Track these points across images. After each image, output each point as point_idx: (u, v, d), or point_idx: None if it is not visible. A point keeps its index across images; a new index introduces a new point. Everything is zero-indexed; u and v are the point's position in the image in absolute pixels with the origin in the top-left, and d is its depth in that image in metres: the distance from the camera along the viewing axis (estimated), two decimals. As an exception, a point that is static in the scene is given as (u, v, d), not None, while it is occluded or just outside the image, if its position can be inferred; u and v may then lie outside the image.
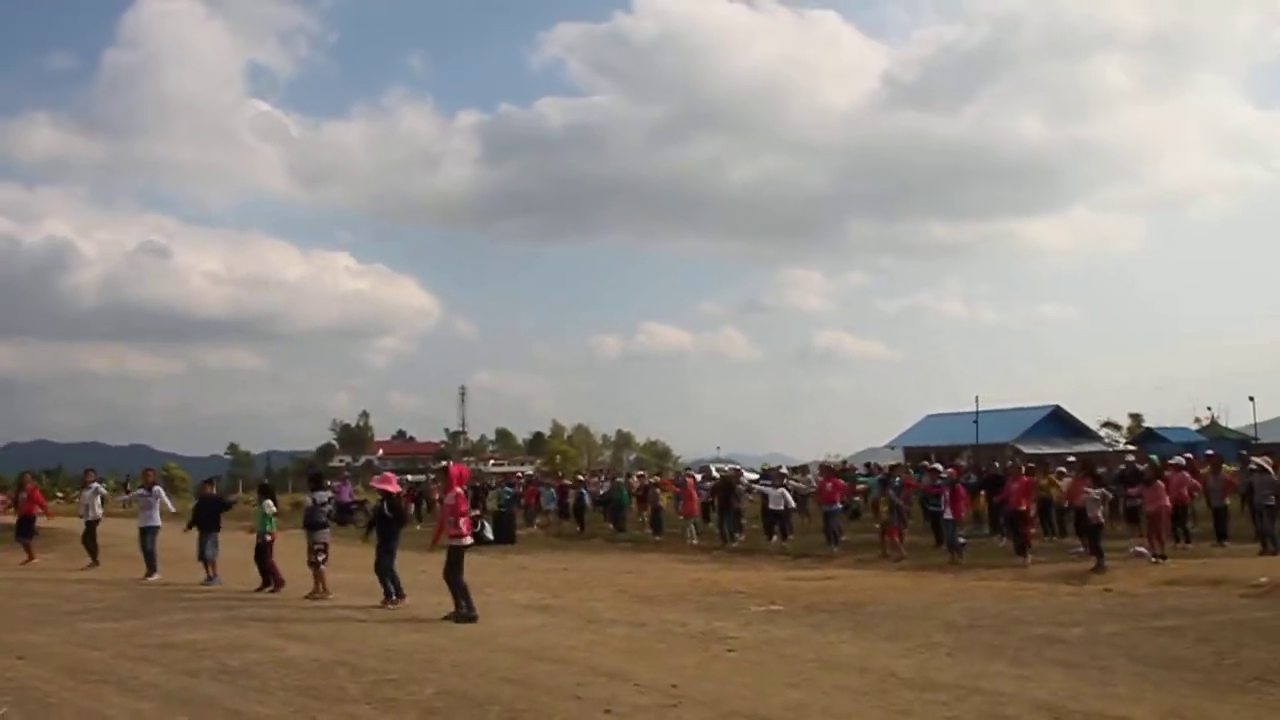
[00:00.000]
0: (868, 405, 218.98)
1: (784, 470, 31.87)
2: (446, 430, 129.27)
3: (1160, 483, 19.19)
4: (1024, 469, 21.91)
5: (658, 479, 33.62)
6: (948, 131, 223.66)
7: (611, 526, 30.19)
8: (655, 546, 25.70)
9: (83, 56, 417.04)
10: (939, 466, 24.58)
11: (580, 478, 37.44)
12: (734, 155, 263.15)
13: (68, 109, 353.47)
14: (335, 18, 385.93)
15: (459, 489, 13.73)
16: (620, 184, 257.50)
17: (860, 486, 29.71)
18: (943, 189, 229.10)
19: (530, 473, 57.00)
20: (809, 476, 32.85)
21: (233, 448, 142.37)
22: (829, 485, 24.29)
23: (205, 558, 17.76)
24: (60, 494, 56.94)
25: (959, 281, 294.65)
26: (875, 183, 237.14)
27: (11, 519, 24.69)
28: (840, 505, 24.31)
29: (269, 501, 17.37)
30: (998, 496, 21.89)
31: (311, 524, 15.83)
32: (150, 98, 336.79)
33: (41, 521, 23.67)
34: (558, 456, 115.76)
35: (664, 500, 30.63)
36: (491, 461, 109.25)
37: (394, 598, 14.21)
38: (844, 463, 46.65)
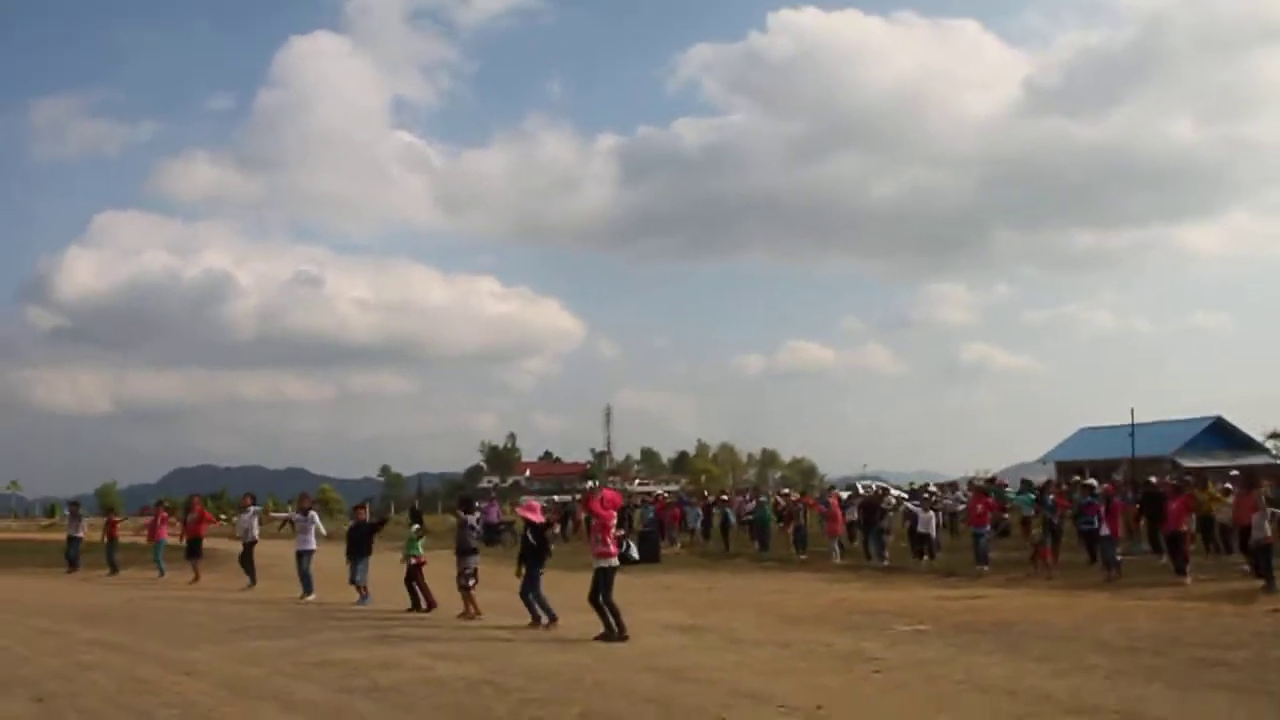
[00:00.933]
0: (1018, 419, 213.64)
1: (933, 488, 31.31)
2: (592, 450, 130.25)
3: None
4: (1183, 485, 21.08)
5: (802, 497, 33.30)
6: (1093, 137, 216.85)
7: (756, 546, 30.06)
8: (800, 566, 25.49)
9: (239, 96, 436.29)
10: (1093, 482, 23.85)
11: (724, 497, 37.39)
12: (874, 170, 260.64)
13: (225, 147, 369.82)
14: (475, 48, 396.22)
15: (605, 510, 13.85)
16: (759, 202, 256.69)
17: (1010, 505, 28.99)
18: (1089, 196, 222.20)
19: (667, 491, 56.99)
20: (958, 494, 32.20)
21: (384, 469, 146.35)
22: (979, 506, 23.71)
23: (356, 581, 18.24)
24: (223, 516, 59.14)
25: (1109, 291, 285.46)
26: (1019, 192, 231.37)
27: (181, 540, 25.86)
28: (990, 525, 23.72)
29: (416, 526, 17.77)
30: (1157, 515, 21.07)
31: (462, 548, 16.13)
32: (301, 133, 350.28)
33: (208, 542, 24.75)
34: (703, 476, 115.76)
35: (809, 519, 30.35)
36: (637, 481, 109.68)
37: (544, 621, 14.36)
38: (993, 478, 45.61)
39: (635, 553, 26.16)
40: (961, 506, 29.05)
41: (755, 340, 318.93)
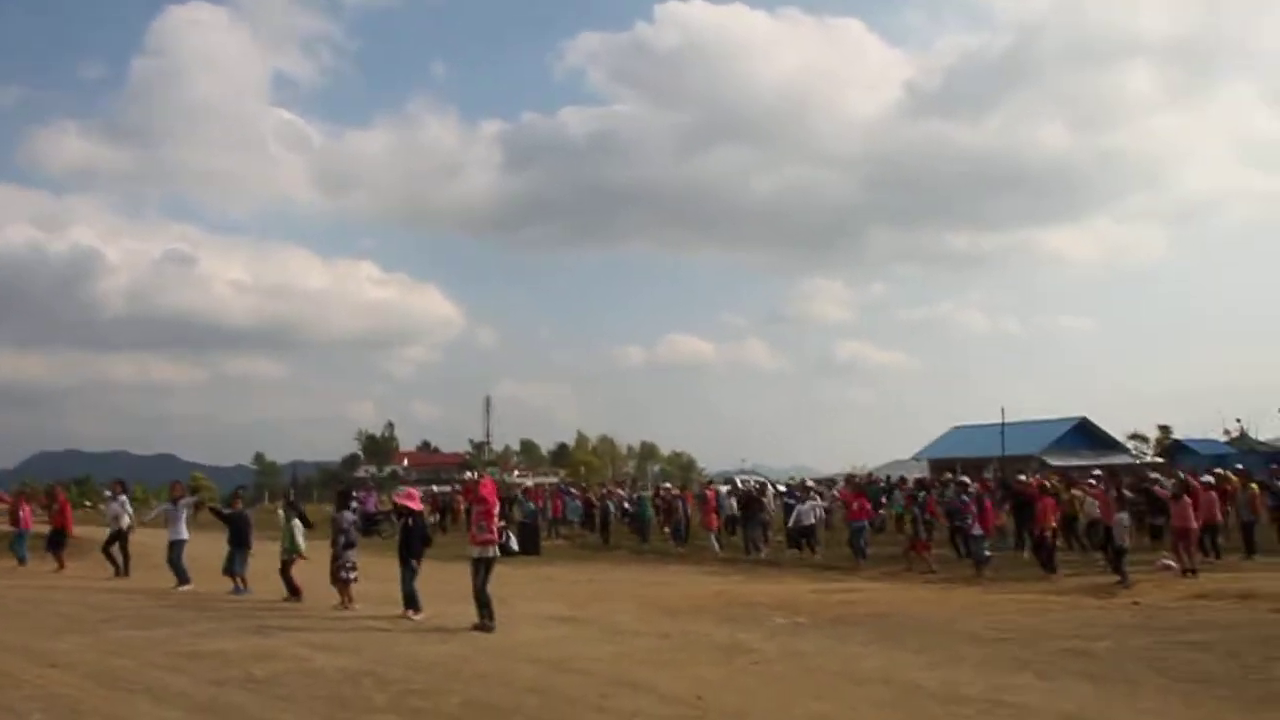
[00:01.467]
0: (892, 416, 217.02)
1: (810, 484, 31.79)
2: (471, 441, 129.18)
3: (1189, 499, 18.99)
4: (1048, 487, 21.80)
5: (681, 491, 33.54)
6: (971, 141, 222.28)
7: (637, 539, 30.20)
8: (679, 559, 25.68)
9: (111, 65, 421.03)
10: (965, 479, 24.50)
11: (604, 490, 37.48)
12: (757, 165, 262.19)
13: (95, 117, 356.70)
14: (358, 26, 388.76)
15: (490, 501, 13.80)
16: (643, 192, 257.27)
17: (883, 507, 29.71)
18: (965, 199, 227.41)
19: (549, 483, 57.00)
20: (834, 490, 32.77)
21: (258, 457, 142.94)
22: (855, 504, 24.13)
23: (234, 571, 17.81)
24: (88, 503, 57.30)
25: (981, 292, 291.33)
26: (898, 193, 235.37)
27: (44, 529, 24.91)
28: (865, 521, 24.17)
29: (298, 522, 17.29)
30: (1025, 514, 21.74)
31: (340, 544, 15.84)
32: (176, 105, 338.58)
33: (74, 530, 23.95)
34: (582, 467, 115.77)
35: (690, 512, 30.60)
36: (516, 472, 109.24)
37: (413, 611, 14.22)
38: (870, 475, 46.57)
39: (515, 544, 26.05)
40: (835, 504, 29.62)
41: (637, 332, 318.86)
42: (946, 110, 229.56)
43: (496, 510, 13.98)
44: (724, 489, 32.10)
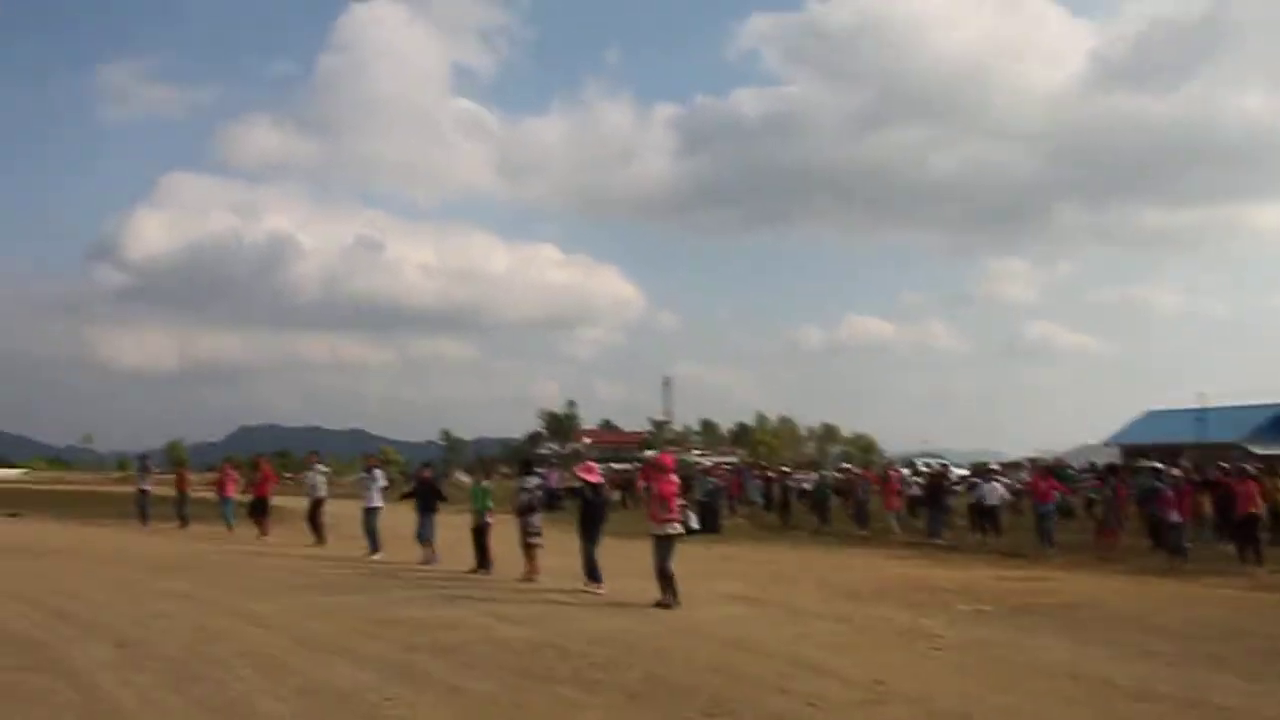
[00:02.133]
0: (1081, 399, 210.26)
1: (995, 466, 31.07)
2: (651, 420, 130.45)
3: None
4: (1252, 471, 20.73)
5: (863, 472, 33.19)
6: (1164, 111, 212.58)
7: (816, 520, 30.04)
8: (860, 541, 25.42)
9: (300, 62, 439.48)
10: (1160, 465, 23.52)
11: (785, 470, 37.37)
12: (936, 143, 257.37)
13: (287, 111, 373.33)
14: (533, 15, 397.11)
15: (671, 476, 13.97)
16: (819, 173, 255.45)
17: (1075, 486, 28.78)
18: (1159, 173, 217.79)
19: (728, 463, 57.02)
20: (1021, 474, 31.92)
21: (445, 434, 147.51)
22: (1043, 484, 23.49)
23: (424, 538, 18.52)
24: (288, 475, 60.14)
25: (1178, 271, 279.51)
26: (1085, 168, 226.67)
27: (247, 498, 26.38)
28: (1054, 505, 23.50)
29: (486, 481, 17.93)
30: (1227, 502, 20.74)
31: (524, 509, 16.35)
32: (362, 98, 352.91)
33: (274, 500, 25.30)
34: (762, 448, 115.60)
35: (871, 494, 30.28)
36: (696, 452, 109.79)
37: (594, 583, 14.54)
38: (1058, 460, 45.13)
39: (695, 522, 26.23)
40: (1021, 487, 28.86)
41: (816, 313, 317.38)
42: (1137, 80, 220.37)
43: (678, 488, 14.14)
44: (905, 471, 31.65)
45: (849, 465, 40.03)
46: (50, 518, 32.03)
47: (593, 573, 14.64)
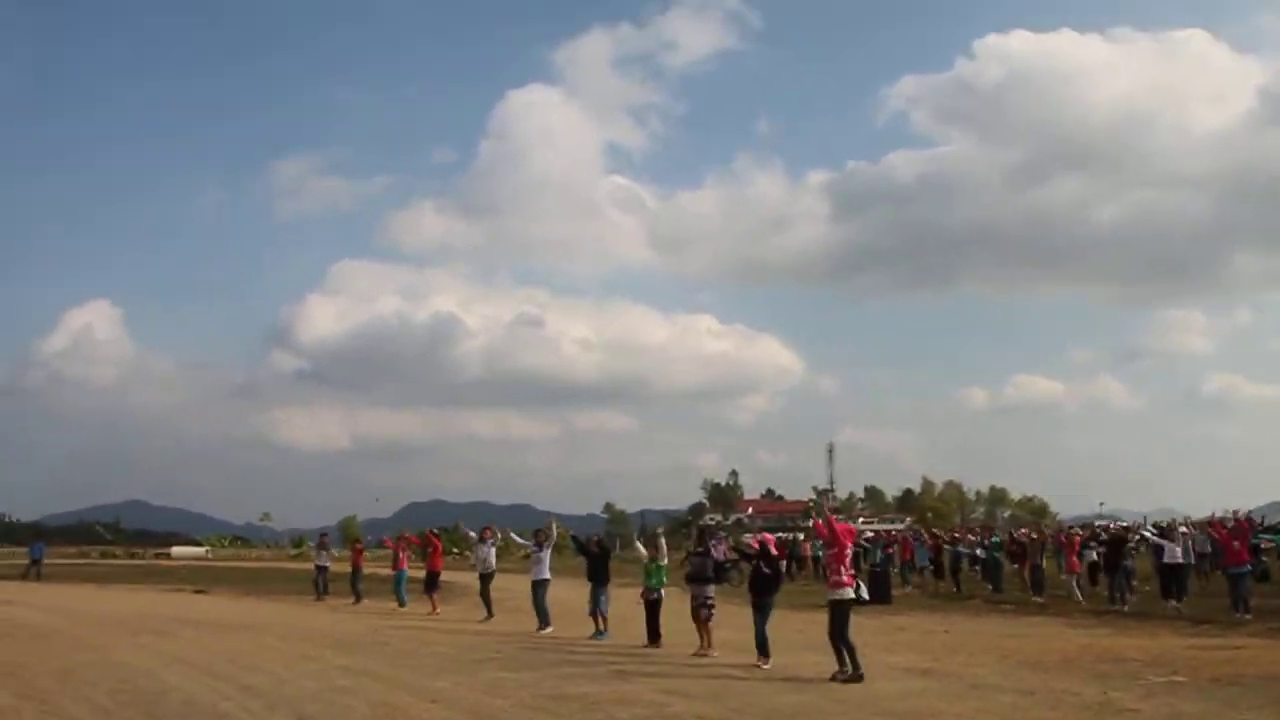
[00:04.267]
0: (1270, 455, 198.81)
1: (1182, 526, 29.69)
2: (814, 488, 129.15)
3: None
4: None
5: (1038, 537, 32.07)
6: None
7: (990, 587, 29.14)
8: (1038, 609, 24.52)
9: (460, 149, 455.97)
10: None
11: (955, 535, 36.40)
12: (1098, 193, 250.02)
13: (449, 197, 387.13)
14: (682, 91, 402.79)
15: (846, 540, 13.77)
16: (977, 231, 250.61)
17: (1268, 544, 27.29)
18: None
19: (897, 530, 55.85)
20: (1209, 533, 30.39)
21: (608, 506, 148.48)
22: (1236, 543, 22.30)
23: (596, 610, 18.59)
24: (456, 550, 61.20)
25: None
26: (1259, 209, 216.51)
27: (417, 572, 26.96)
28: (1249, 566, 22.27)
29: (664, 561, 17.84)
30: None
31: (697, 577, 16.29)
32: (520, 181, 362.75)
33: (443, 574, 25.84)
34: (929, 514, 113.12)
35: (1046, 559, 29.24)
36: (860, 519, 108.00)
37: (764, 657, 14.34)
38: (1248, 517, 42.86)
39: (865, 592, 25.71)
40: (1207, 549, 27.44)
41: (979, 374, 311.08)
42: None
43: (850, 553, 13.91)
44: (1083, 534, 30.49)
45: (1024, 529, 38.71)
46: (234, 594, 33.31)
47: (763, 646, 14.46)
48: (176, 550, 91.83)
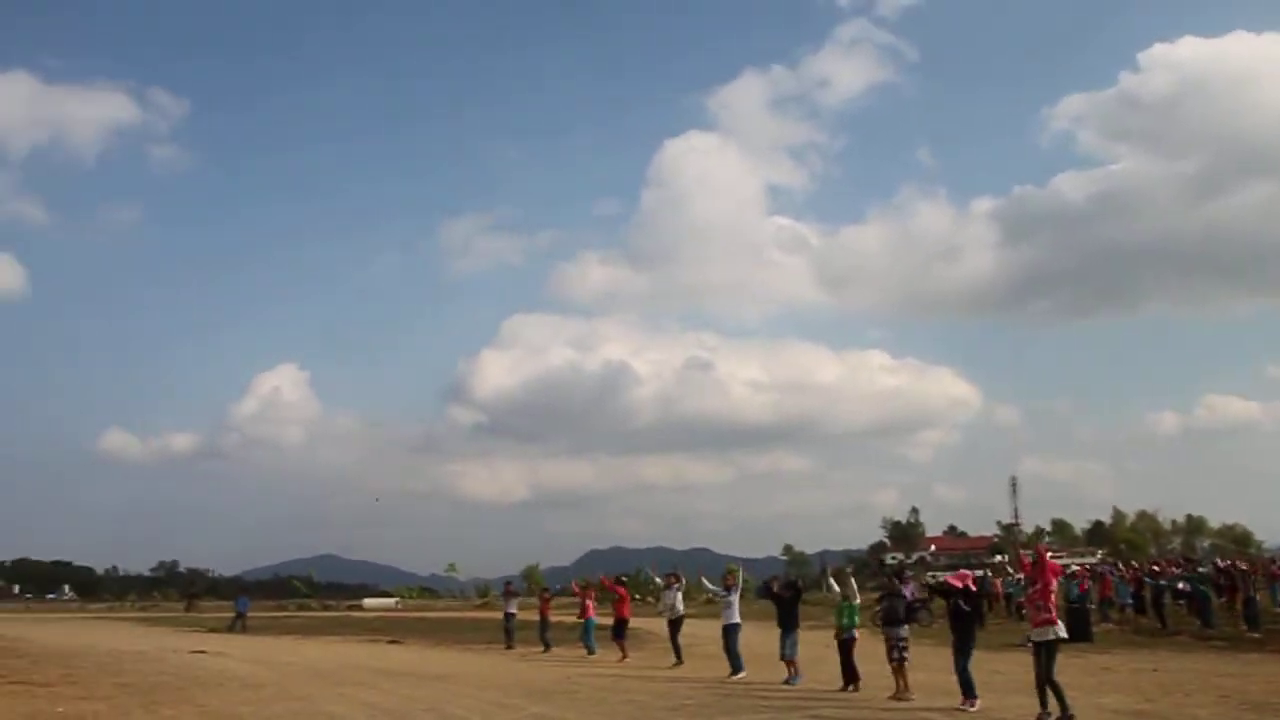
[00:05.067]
0: None
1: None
2: (998, 523, 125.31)
3: None
4: None
5: (1250, 567, 30.38)
6: None
7: (1197, 622, 27.62)
8: (1254, 645, 23.09)
9: (623, 200, 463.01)
10: None
11: (1156, 568, 34.71)
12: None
13: (614, 247, 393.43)
14: (839, 127, 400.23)
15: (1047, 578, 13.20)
16: (1156, 248, 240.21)
17: None
18: None
19: (1091, 564, 53.57)
20: None
21: (787, 548, 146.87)
22: None
23: (786, 656, 18.27)
24: (637, 595, 61.27)
25: None
26: None
27: (605, 620, 26.99)
28: None
29: (856, 599, 17.45)
30: None
31: (891, 619, 15.87)
32: (682, 228, 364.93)
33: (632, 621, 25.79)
34: (1121, 546, 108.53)
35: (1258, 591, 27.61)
36: (1050, 554, 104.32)
37: (969, 699, 13.80)
38: None
39: (1063, 631, 24.68)
40: None
41: (1168, 396, 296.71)
42: None
43: (1055, 588, 13.32)
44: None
45: (1230, 559, 36.69)
46: (426, 643, 33.99)
47: (968, 688, 13.92)
48: (369, 602, 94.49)
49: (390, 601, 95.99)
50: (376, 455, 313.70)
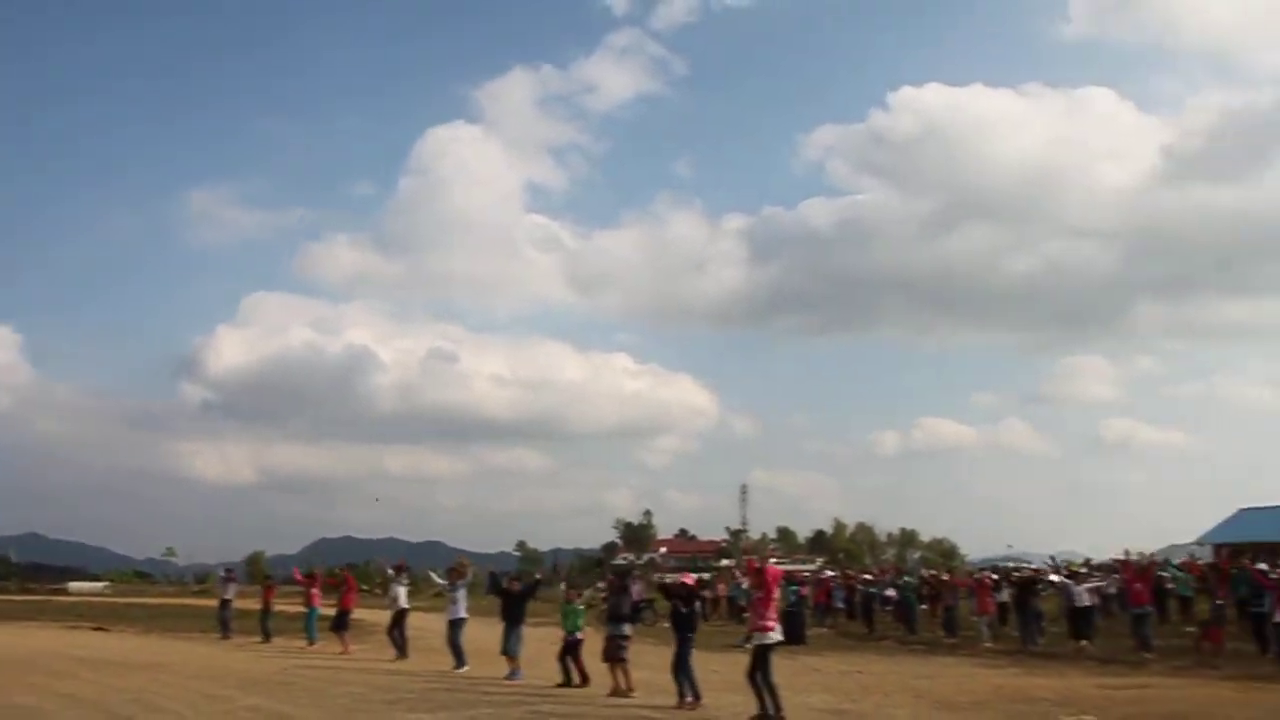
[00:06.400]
0: (1169, 498, 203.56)
1: (1084, 568, 30.31)
2: (727, 529, 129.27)
3: None
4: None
5: (949, 577, 32.48)
6: (1241, 202, 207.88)
7: (903, 628, 29.39)
8: (949, 649, 24.77)
9: (380, 184, 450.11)
10: (1264, 567, 22.71)
11: (868, 577, 36.71)
12: (1008, 243, 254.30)
13: (367, 231, 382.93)
14: (603, 131, 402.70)
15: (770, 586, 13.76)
16: (891, 278, 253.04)
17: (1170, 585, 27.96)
18: (1237, 265, 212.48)
19: (819, 570, 56.12)
20: (1115, 576, 31.01)
21: (521, 544, 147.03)
22: (1138, 585, 22.82)
23: (509, 652, 18.33)
24: (365, 587, 60.08)
25: (1263, 363, 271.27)
26: (1163, 262, 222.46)
27: (329, 610, 26.33)
28: (1150, 607, 22.80)
29: (579, 602, 17.67)
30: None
31: (615, 617, 16.15)
32: (439, 217, 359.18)
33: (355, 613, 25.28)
34: (840, 554, 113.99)
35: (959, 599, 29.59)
36: (773, 560, 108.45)
37: (688, 699, 14.23)
38: (1151, 559, 43.86)
39: (780, 635, 25.74)
40: (1113, 590, 27.97)
41: (891, 417, 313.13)
42: (1211, 173, 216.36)
43: (776, 596, 13.91)
44: (994, 576, 30.89)
45: (934, 570, 39.19)
46: (135, 631, 32.37)
47: (691, 687, 14.32)
48: (74, 585, 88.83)
49: (99, 586, 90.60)
50: (96, 429, 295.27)
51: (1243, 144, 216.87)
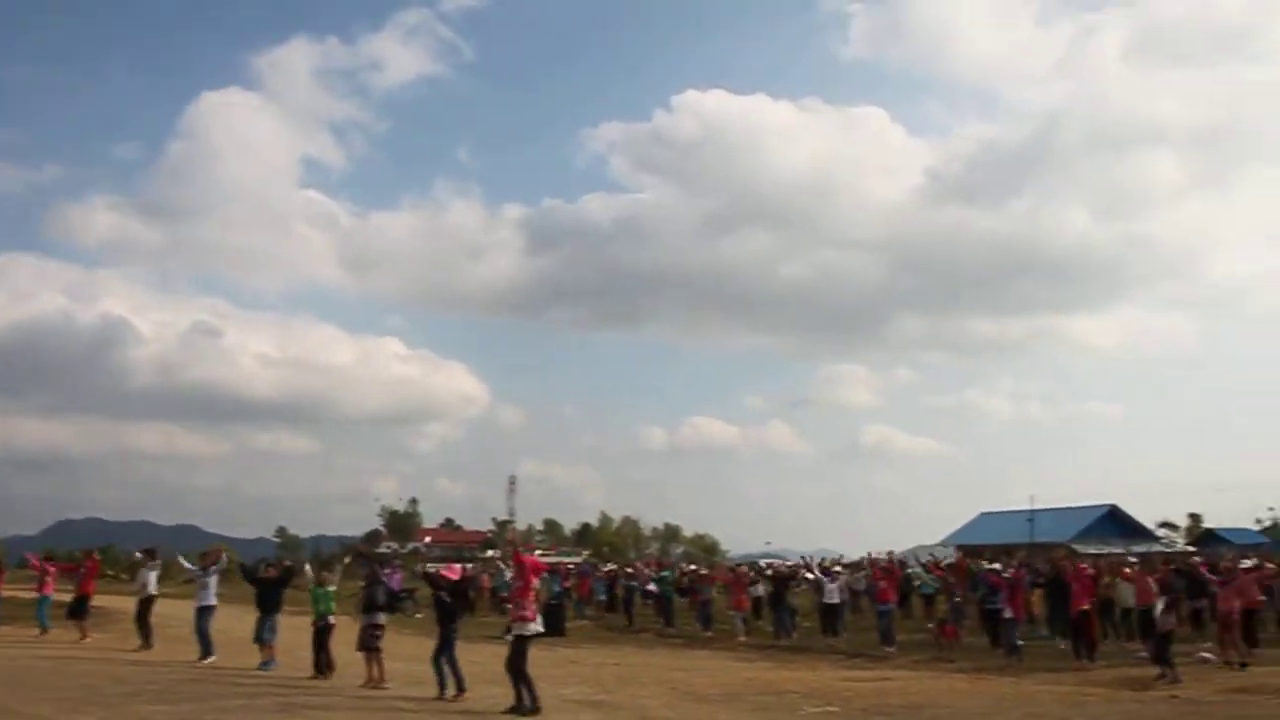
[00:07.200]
0: (919, 502, 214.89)
1: (838, 568, 31.51)
2: (494, 519, 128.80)
3: (1237, 579, 18.58)
4: (1083, 566, 21.38)
5: (709, 572, 33.21)
6: (993, 226, 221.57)
7: (661, 621, 29.86)
8: (705, 643, 25.32)
9: (147, 146, 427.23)
10: (997, 566, 24.13)
11: (629, 570, 37.14)
12: (782, 250, 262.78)
13: (130, 195, 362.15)
14: (385, 111, 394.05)
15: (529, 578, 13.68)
16: (668, 277, 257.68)
17: (915, 583, 29.39)
18: (990, 285, 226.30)
19: (575, 563, 56.50)
20: (862, 573, 32.37)
21: (281, 530, 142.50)
22: (883, 583, 23.89)
23: (262, 640, 17.66)
24: (110, 572, 56.94)
25: (1008, 378, 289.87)
26: (922, 278, 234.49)
27: (64, 597, 24.73)
28: (894, 604, 23.94)
29: (331, 585, 17.13)
30: (1060, 598, 21.28)
31: (369, 606, 15.74)
32: (208, 186, 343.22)
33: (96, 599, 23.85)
34: (605, 548, 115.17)
35: (715, 594, 30.28)
36: (538, 551, 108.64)
37: (447, 691, 14.03)
38: (900, 559, 46.00)
39: (540, 627, 25.73)
40: (863, 586, 29.21)
41: (660, 414, 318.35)
42: (968, 196, 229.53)
43: (536, 586, 13.85)
44: (751, 572, 31.79)
45: (695, 565, 40.01)
46: None
47: (456, 678, 14.10)
48: None
49: None
50: None
51: (997, 173, 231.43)
